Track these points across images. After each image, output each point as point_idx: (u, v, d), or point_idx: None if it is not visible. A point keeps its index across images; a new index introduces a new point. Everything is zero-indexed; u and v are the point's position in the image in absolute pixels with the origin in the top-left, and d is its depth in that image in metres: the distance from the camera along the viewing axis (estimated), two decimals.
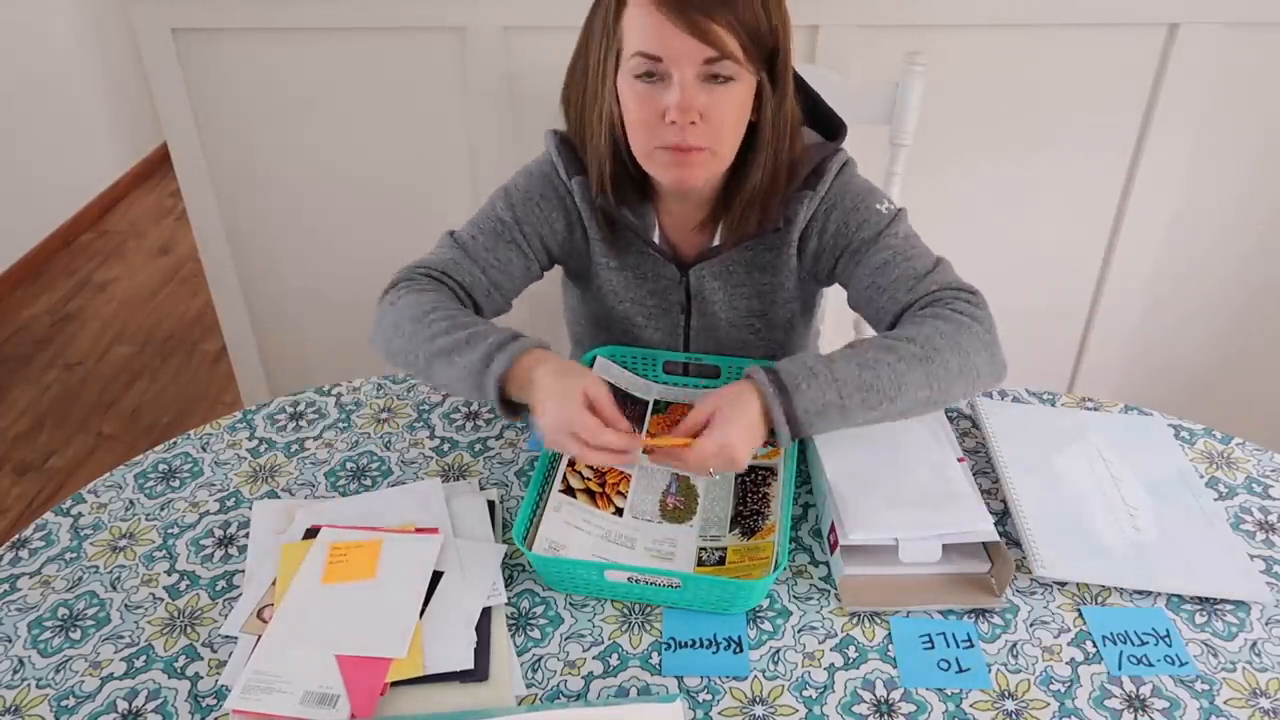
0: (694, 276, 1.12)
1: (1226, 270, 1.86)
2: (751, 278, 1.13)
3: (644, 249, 1.12)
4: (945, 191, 1.76)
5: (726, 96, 0.95)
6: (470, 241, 1.10)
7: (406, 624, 0.85)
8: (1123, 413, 1.12)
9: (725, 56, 0.92)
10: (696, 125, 0.94)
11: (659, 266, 1.13)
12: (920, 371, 0.92)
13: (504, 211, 1.10)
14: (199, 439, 1.11)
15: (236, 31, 1.65)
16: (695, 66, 0.92)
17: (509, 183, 1.13)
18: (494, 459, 1.08)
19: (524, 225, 1.10)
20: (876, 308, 1.03)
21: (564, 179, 1.09)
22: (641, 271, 1.14)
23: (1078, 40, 1.62)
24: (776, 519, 0.95)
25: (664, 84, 0.94)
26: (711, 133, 0.96)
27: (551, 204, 1.11)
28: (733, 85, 0.94)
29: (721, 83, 0.94)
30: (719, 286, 1.13)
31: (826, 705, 0.81)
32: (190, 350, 2.74)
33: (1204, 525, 0.96)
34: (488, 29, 1.61)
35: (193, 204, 1.81)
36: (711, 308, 1.15)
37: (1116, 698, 0.82)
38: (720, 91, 0.94)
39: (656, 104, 0.95)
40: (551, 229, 1.12)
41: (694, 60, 0.92)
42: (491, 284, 1.10)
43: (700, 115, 0.94)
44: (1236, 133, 1.71)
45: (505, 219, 1.10)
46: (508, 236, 1.10)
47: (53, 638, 0.88)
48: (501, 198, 1.12)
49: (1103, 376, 1.98)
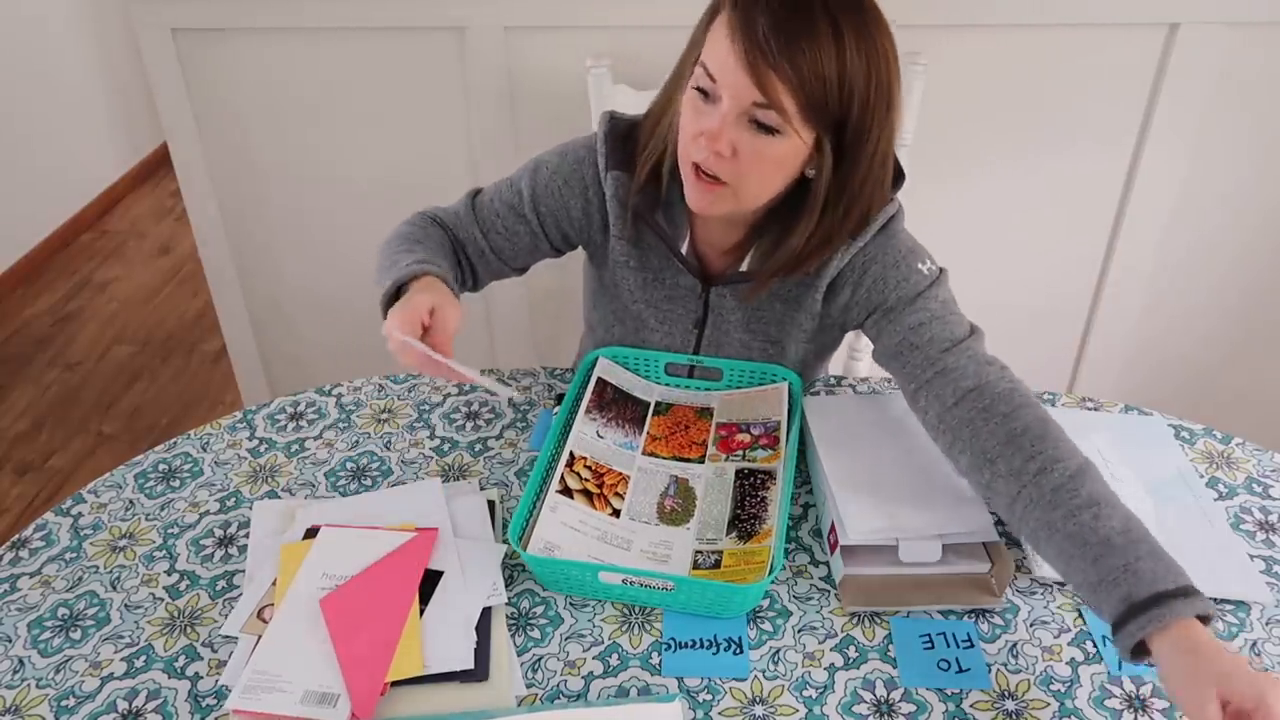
0: (714, 294, 1.11)
1: (1226, 270, 1.86)
2: (773, 308, 1.11)
3: (669, 256, 1.10)
4: (945, 191, 1.76)
5: (766, 146, 0.91)
6: (485, 205, 1.12)
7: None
8: (1123, 413, 1.12)
9: (773, 108, 0.88)
10: (724, 159, 0.92)
11: (680, 276, 1.11)
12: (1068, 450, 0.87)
13: (526, 187, 1.10)
14: (199, 439, 1.11)
15: (236, 31, 1.65)
16: (742, 105, 0.89)
17: (542, 156, 1.12)
18: (494, 459, 1.08)
19: (540, 205, 1.10)
20: (907, 364, 0.98)
21: (599, 170, 1.07)
22: (661, 277, 1.12)
23: (1078, 40, 1.62)
24: (774, 523, 0.95)
25: (714, 106, 0.92)
26: (737, 172, 0.93)
27: (573, 190, 1.09)
28: (777, 138, 0.91)
29: (765, 131, 0.90)
30: (737, 308, 1.11)
31: (826, 705, 0.81)
32: (190, 350, 2.74)
33: (1204, 525, 0.96)
34: (488, 29, 1.61)
35: (193, 204, 1.81)
36: (727, 325, 1.13)
37: (1116, 698, 0.82)
38: (761, 140, 0.91)
39: (699, 121, 0.93)
40: (569, 217, 1.11)
41: (743, 98, 0.89)
42: (491, 249, 1.11)
43: (734, 151, 0.92)
44: (1236, 132, 1.71)
45: (524, 194, 1.10)
46: (519, 212, 1.11)
47: (53, 638, 0.88)
48: (529, 171, 1.11)
49: (1103, 376, 1.98)
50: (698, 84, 0.92)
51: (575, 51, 1.40)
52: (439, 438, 1.11)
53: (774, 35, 0.86)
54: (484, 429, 1.12)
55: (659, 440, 1.08)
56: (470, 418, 1.13)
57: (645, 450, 1.06)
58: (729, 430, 1.08)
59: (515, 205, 1.11)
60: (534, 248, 1.13)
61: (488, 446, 1.10)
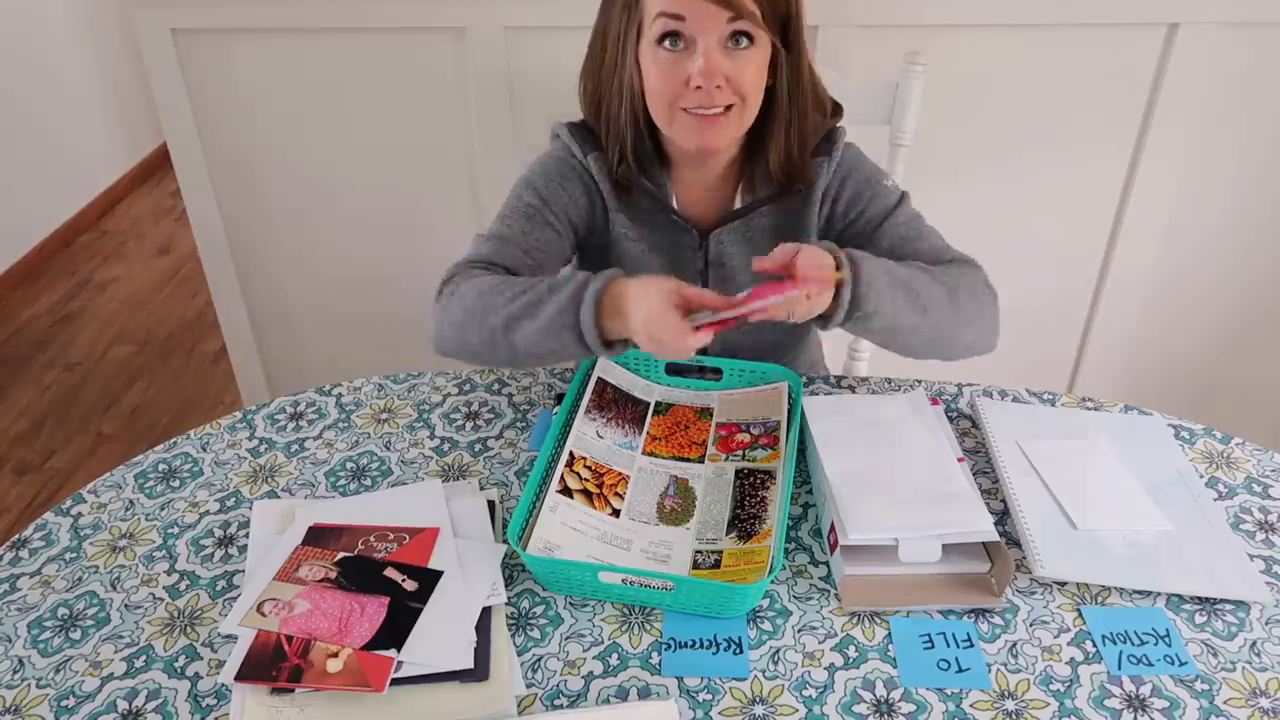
0: (713, 241, 1.15)
1: (1226, 269, 1.86)
2: (771, 242, 1.12)
3: (663, 217, 1.14)
4: (945, 191, 1.75)
5: (748, 59, 0.99)
6: (506, 230, 1.11)
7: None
8: (1123, 413, 1.12)
9: (746, 18, 0.96)
10: (722, 88, 0.99)
11: (678, 234, 1.15)
12: (947, 303, 1.01)
13: (531, 196, 1.13)
14: (199, 439, 1.11)
15: (236, 31, 1.65)
16: (719, 30, 0.97)
17: (526, 173, 1.16)
18: (494, 459, 1.08)
19: (552, 205, 1.13)
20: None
21: (579, 158, 1.12)
22: (659, 242, 1.16)
23: (1078, 40, 1.62)
24: (774, 523, 0.95)
25: (687, 51, 0.98)
26: (736, 94, 1.00)
27: (571, 182, 1.13)
28: (753, 48, 0.99)
29: (744, 46, 0.98)
30: (738, 252, 1.15)
31: (826, 705, 0.81)
32: (190, 350, 2.74)
33: (1204, 525, 0.96)
34: (488, 29, 1.61)
35: (193, 204, 1.81)
36: (730, 273, 1.16)
37: (1116, 698, 0.82)
38: (742, 55, 0.99)
39: (680, 71, 0.99)
40: (576, 205, 1.14)
41: (717, 23, 0.96)
42: (536, 265, 1.10)
43: (726, 79, 0.98)
44: (1236, 132, 1.71)
45: (534, 202, 1.12)
46: (540, 218, 1.12)
47: (53, 638, 0.88)
48: (523, 186, 1.14)
49: (1103, 376, 1.98)
50: (663, 34, 0.98)
51: (575, 51, 1.39)
52: (439, 438, 1.11)
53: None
54: (484, 429, 1.12)
55: (659, 440, 1.08)
56: (470, 418, 1.13)
57: (645, 450, 1.06)
58: (729, 430, 1.08)
59: (532, 216, 1.11)
60: (560, 250, 1.15)
61: (488, 446, 1.10)
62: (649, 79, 1.02)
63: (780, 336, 1.25)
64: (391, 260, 1.85)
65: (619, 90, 1.05)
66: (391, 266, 1.85)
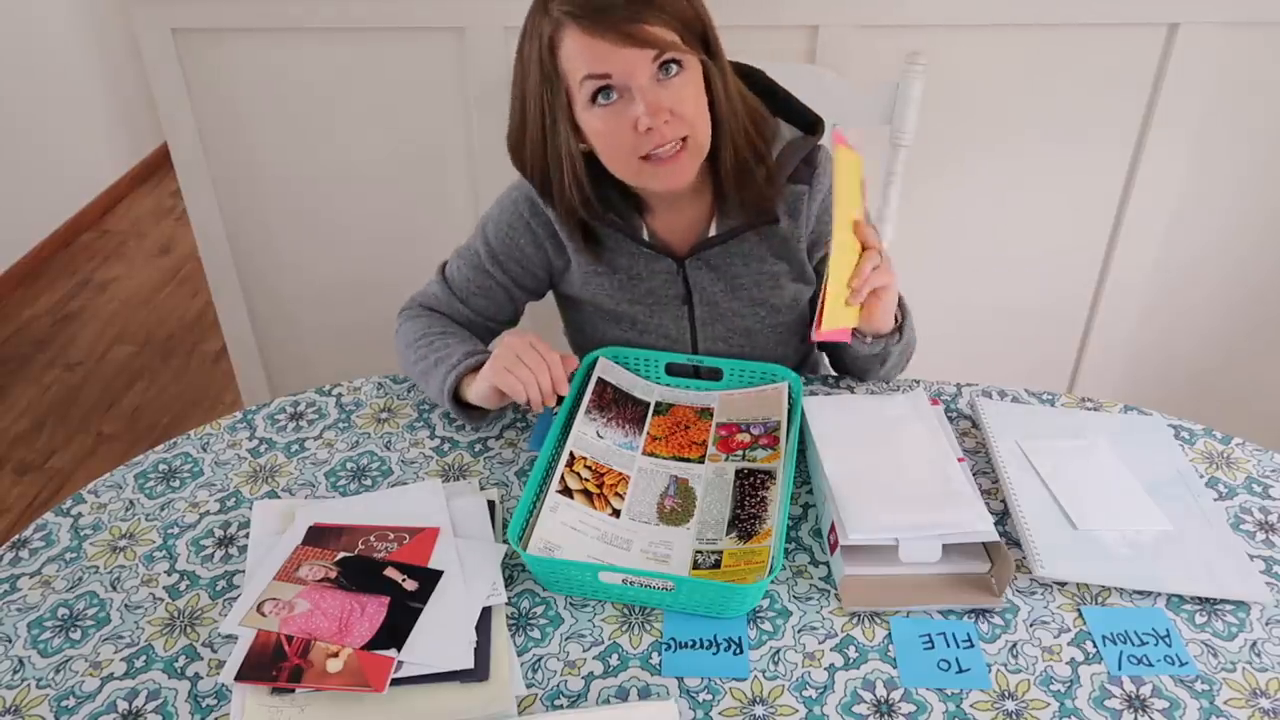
0: (690, 268, 1.14)
1: (1227, 269, 1.86)
2: (749, 268, 1.14)
3: (634, 250, 1.13)
4: (945, 191, 1.76)
5: (683, 83, 0.98)
6: (455, 273, 1.19)
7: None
8: (1123, 413, 1.12)
9: (669, 49, 0.95)
10: (670, 122, 0.98)
11: (652, 263, 1.14)
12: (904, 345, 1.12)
13: (481, 244, 1.17)
14: (199, 439, 1.11)
15: (236, 31, 1.65)
16: (647, 70, 0.96)
17: (487, 213, 1.18)
18: (494, 459, 1.08)
19: (498, 256, 1.16)
20: None
21: (541, 205, 1.12)
22: (634, 271, 1.15)
23: (1078, 40, 1.62)
24: (774, 523, 0.95)
25: (623, 100, 0.98)
26: (685, 123, 0.99)
27: (518, 231, 1.15)
28: (684, 73, 0.98)
29: (675, 74, 0.97)
30: (716, 278, 1.15)
31: (826, 705, 0.81)
32: (190, 350, 2.74)
33: (1204, 525, 0.96)
34: (488, 29, 1.61)
35: (193, 204, 1.81)
36: (713, 298, 1.16)
37: (1116, 698, 0.82)
38: (676, 82, 0.98)
39: (624, 121, 0.98)
40: (524, 255, 1.17)
41: (644, 64, 0.96)
42: (474, 312, 1.19)
43: (670, 112, 0.97)
44: (1236, 132, 1.71)
45: (481, 252, 1.17)
46: (483, 268, 1.17)
47: (53, 638, 0.88)
48: (480, 230, 1.18)
49: (1103, 376, 1.98)
50: (593, 92, 0.97)
51: None
52: (439, 438, 1.11)
53: (612, 3, 0.94)
54: (484, 429, 1.12)
55: (659, 440, 1.08)
56: None
57: (645, 450, 1.06)
58: (729, 430, 1.08)
59: (477, 265, 1.17)
60: (509, 298, 1.19)
61: (488, 446, 1.10)
62: (599, 140, 1.01)
63: (787, 351, 1.25)
64: (392, 260, 1.85)
65: (557, 160, 1.04)
66: (392, 266, 1.85)
